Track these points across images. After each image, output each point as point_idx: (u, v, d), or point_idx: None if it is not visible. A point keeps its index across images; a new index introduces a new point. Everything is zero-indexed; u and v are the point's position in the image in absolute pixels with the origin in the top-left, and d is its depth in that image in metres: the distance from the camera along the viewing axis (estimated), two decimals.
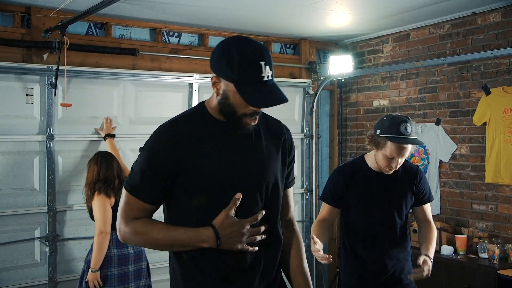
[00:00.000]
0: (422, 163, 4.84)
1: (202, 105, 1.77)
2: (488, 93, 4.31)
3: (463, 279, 4.01)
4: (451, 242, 4.35)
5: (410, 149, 2.65)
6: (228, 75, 1.60)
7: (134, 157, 1.78)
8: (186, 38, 4.95)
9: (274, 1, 4.07)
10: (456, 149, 4.62)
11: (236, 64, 1.57)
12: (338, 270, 4.70)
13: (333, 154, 5.78)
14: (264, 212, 1.72)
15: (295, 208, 4.81)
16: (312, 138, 5.39)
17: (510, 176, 4.16)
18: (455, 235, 4.36)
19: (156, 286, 4.01)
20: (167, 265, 1.84)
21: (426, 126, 4.81)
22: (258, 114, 1.68)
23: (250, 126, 1.70)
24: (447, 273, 4.14)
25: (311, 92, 5.35)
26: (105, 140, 4.15)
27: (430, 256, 2.69)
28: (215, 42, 4.83)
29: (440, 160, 4.74)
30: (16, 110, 3.94)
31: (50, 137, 4.03)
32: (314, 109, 5.37)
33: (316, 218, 2.93)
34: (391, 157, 2.62)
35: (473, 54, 4.17)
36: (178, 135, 1.68)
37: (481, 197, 4.44)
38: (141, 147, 1.73)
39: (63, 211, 4.11)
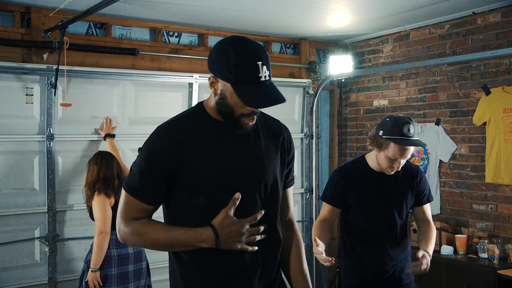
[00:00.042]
0: (422, 163, 4.84)
1: (200, 105, 1.77)
2: (488, 93, 4.31)
3: (463, 279, 4.01)
4: (451, 242, 4.35)
5: (412, 150, 2.65)
6: (225, 75, 1.60)
7: (134, 157, 1.77)
8: (186, 38, 4.95)
9: (274, 1, 4.07)
10: (456, 149, 4.62)
11: (233, 64, 1.56)
12: (338, 270, 4.69)
13: (333, 154, 5.78)
14: (263, 211, 1.72)
15: (295, 208, 4.80)
16: (312, 138, 5.39)
17: (510, 176, 4.16)
18: (455, 235, 4.37)
19: (156, 286, 4.01)
20: (167, 265, 1.84)
21: (426, 126, 4.80)
22: (256, 114, 1.67)
23: (248, 126, 1.69)
24: (447, 273, 4.14)
25: (311, 92, 5.35)
26: (105, 140, 4.15)
27: (429, 252, 2.69)
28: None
29: (440, 160, 4.74)
30: (16, 110, 3.94)
31: (50, 137, 4.03)
32: (314, 109, 5.37)
33: (316, 218, 2.93)
34: (394, 158, 2.62)
35: (473, 54, 4.17)
36: (176, 135, 1.68)
37: (481, 197, 4.44)
38: (139, 148, 1.73)
39: (63, 211, 4.11)
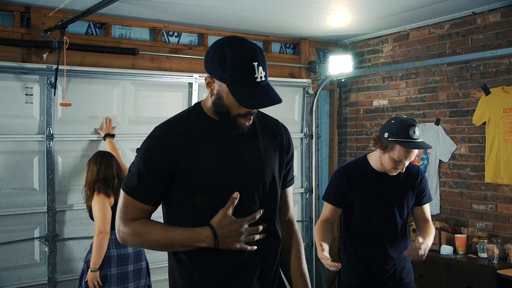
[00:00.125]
0: (421, 163, 4.84)
1: (198, 105, 1.77)
2: (487, 93, 4.31)
3: (463, 279, 4.01)
4: (451, 242, 4.35)
5: (416, 152, 2.67)
6: (221, 76, 1.60)
7: (133, 156, 1.77)
8: (186, 38, 4.95)
9: (274, 1, 4.07)
10: (455, 149, 4.62)
11: (228, 64, 1.56)
12: (338, 270, 4.68)
13: (332, 154, 5.78)
14: (262, 211, 1.72)
15: (295, 208, 4.81)
16: (311, 138, 5.39)
17: (509, 176, 4.16)
18: (455, 235, 4.36)
19: (156, 286, 4.01)
20: (167, 265, 1.84)
21: (425, 126, 4.80)
22: (252, 114, 1.67)
23: (244, 127, 1.69)
24: (447, 272, 4.14)
25: (311, 92, 5.35)
26: (104, 139, 4.15)
27: (428, 244, 2.69)
28: None
29: (439, 160, 4.74)
30: (15, 109, 3.94)
31: (50, 136, 4.03)
32: (314, 109, 5.37)
33: (316, 218, 2.93)
34: (399, 160, 2.63)
35: (472, 54, 4.17)
36: (174, 136, 1.68)
37: (480, 197, 4.44)
38: (137, 148, 1.74)
39: (63, 211, 4.11)
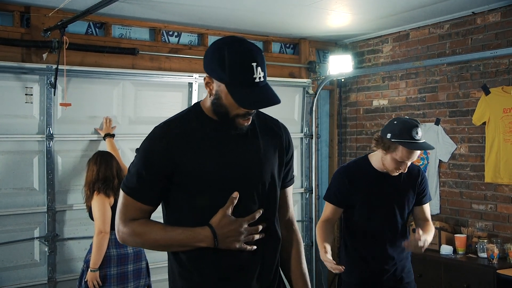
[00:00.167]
0: (421, 163, 4.84)
1: (197, 105, 1.77)
2: (487, 93, 4.31)
3: (463, 279, 4.01)
4: (451, 242, 4.35)
5: (418, 152, 2.67)
6: (219, 76, 1.59)
7: (133, 156, 1.77)
8: (185, 38, 4.95)
9: (274, 1, 4.07)
10: (455, 149, 4.62)
11: (227, 65, 1.56)
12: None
13: (332, 154, 5.78)
14: (261, 211, 1.72)
15: (295, 207, 4.81)
16: (311, 138, 5.39)
17: (509, 175, 4.16)
18: (455, 235, 4.36)
19: (156, 285, 4.01)
20: (167, 264, 1.84)
21: (425, 126, 4.80)
22: (251, 115, 1.67)
23: (243, 127, 1.69)
24: (447, 272, 4.14)
25: (311, 91, 5.35)
26: (104, 139, 4.15)
27: (427, 239, 2.70)
28: None
29: (439, 160, 4.74)
30: (15, 109, 3.94)
31: (50, 136, 4.03)
32: (313, 108, 5.37)
33: (316, 218, 2.93)
34: (402, 160, 2.63)
35: (472, 54, 4.17)
36: (173, 136, 1.68)
37: (480, 196, 4.44)
38: (137, 148, 1.73)
39: (63, 211, 4.11)
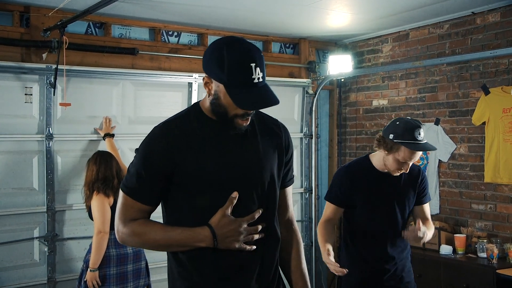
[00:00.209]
0: (421, 163, 4.84)
1: (196, 105, 1.77)
2: (487, 93, 4.31)
3: (462, 279, 4.01)
4: (450, 242, 4.35)
5: (420, 153, 2.68)
6: (218, 76, 1.59)
7: (133, 156, 1.78)
8: (185, 38, 4.95)
9: (274, 1, 4.07)
10: (455, 148, 4.62)
11: (226, 65, 1.56)
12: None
13: (332, 154, 5.78)
14: (261, 210, 1.72)
15: (294, 207, 4.81)
16: (311, 138, 5.39)
17: (509, 175, 4.16)
18: (454, 235, 4.37)
19: (155, 285, 4.01)
20: (166, 264, 1.84)
21: (425, 126, 4.77)
22: (249, 115, 1.67)
23: (242, 127, 1.69)
24: (446, 272, 4.14)
25: (311, 91, 5.35)
26: (104, 139, 4.15)
27: (428, 234, 2.70)
28: None
29: (439, 159, 4.74)
30: (15, 109, 3.93)
31: (49, 136, 4.02)
32: (313, 108, 5.37)
33: (315, 218, 2.93)
34: (404, 161, 2.64)
35: (472, 54, 4.17)
36: (173, 136, 1.68)
37: (480, 196, 4.44)
38: (136, 149, 1.74)
39: (62, 211, 4.11)
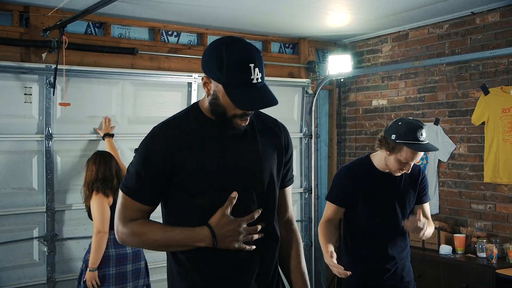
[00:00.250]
0: (421, 163, 4.84)
1: (195, 105, 1.77)
2: (486, 92, 4.32)
3: (462, 279, 4.01)
4: (450, 242, 4.35)
5: (422, 153, 2.69)
6: (217, 76, 1.59)
7: (132, 156, 1.78)
8: (185, 38, 4.95)
9: (273, 0, 4.07)
10: (454, 148, 4.62)
11: (225, 65, 1.56)
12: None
13: (332, 154, 5.79)
14: (260, 210, 1.72)
15: (294, 207, 4.80)
16: (311, 138, 5.39)
17: (508, 175, 4.16)
18: (454, 235, 4.37)
19: (155, 285, 4.00)
20: (166, 264, 1.84)
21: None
22: (248, 115, 1.67)
23: (241, 127, 1.69)
24: (446, 272, 4.14)
25: (310, 91, 5.35)
26: (103, 139, 4.15)
27: (428, 229, 2.70)
28: None
29: (438, 159, 4.74)
30: (14, 109, 3.93)
31: (49, 136, 4.02)
32: (313, 108, 5.37)
33: (315, 218, 2.93)
34: (406, 161, 2.65)
35: (471, 54, 4.17)
36: (172, 136, 1.68)
37: (479, 196, 4.44)
38: (136, 149, 1.74)
39: (62, 211, 4.11)
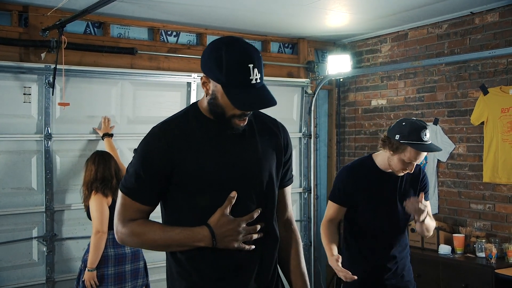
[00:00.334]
0: (420, 163, 4.84)
1: (194, 105, 1.77)
2: (485, 92, 4.32)
3: (461, 279, 4.01)
4: (449, 242, 4.35)
5: (425, 153, 2.70)
6: (216, 77, 1.59)
7: (132, 156, 1.78)
8: (184, 38, 4.95)
9: (273, 0, 4.07)
10: (454, 148, 4.62)
11: (224, 66, 1.56)
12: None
13: (331, 154, 5.79)
14: (259, 210, 1.72)
15: (293, 207, 4.81)
16: (310, 138, 5.39)
17: (507, 175, 4.16)
18: (453, 235, 4.37)
19: (154, 285, 4.00)
20: (165, 264, 1.83)
21: None
22: (247, 115, 1.67)
23: (239, 127, 1.69)
24: (445, 272, 4.14)
25: (310, 91, 5.35)
26: (103, 139, 4.15)
27: (428, 221, 2.72)
28: None
29: (438, 159, 4.75)
30: (13, 109, 3.93)
31: (48, 136, 4.02)
32: (312, 108, 5.38)
33: (316, 218, 2.93)
34: (409, 161, 2.66)
35: (471, 54, 4.18)
36: (171, 136, 1.68)
37: (478, 196, 4.44)
38: (135, 149, 1.74)
39: (61, 211, 4.11)
